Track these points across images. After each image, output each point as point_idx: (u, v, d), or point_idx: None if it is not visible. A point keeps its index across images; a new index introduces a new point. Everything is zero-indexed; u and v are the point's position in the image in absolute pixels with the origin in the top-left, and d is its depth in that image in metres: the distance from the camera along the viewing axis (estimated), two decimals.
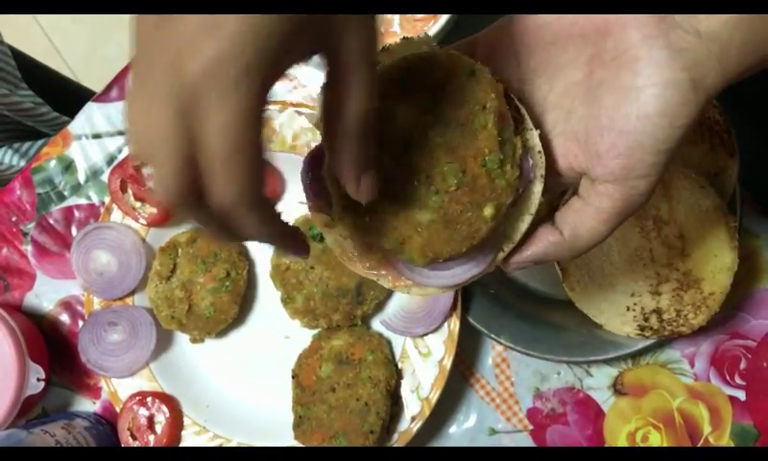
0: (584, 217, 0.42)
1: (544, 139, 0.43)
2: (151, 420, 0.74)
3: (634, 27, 0.38)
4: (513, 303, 0.72)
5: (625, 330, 0.65)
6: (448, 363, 0.69)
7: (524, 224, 0.44)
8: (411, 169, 0.41)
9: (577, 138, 0.42)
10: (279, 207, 0.75)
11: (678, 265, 0.62)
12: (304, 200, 0.46)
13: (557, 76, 0.43)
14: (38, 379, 0.73)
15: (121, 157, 0.79)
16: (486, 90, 0.40)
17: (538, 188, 0.43)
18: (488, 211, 0.41)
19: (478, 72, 0.41)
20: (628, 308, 0.65)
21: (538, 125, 0.43)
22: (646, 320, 0.64)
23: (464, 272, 0.45)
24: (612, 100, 0.39)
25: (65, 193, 0.80)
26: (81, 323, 0.79)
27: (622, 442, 0.72)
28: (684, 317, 0.64)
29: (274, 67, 0.32)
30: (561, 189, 0.45)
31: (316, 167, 0.44)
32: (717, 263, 0.61)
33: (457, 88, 0.40)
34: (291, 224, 0.43)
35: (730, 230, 0.61)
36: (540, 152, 0.42)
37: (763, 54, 0.38)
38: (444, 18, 0.66)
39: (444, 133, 0.41)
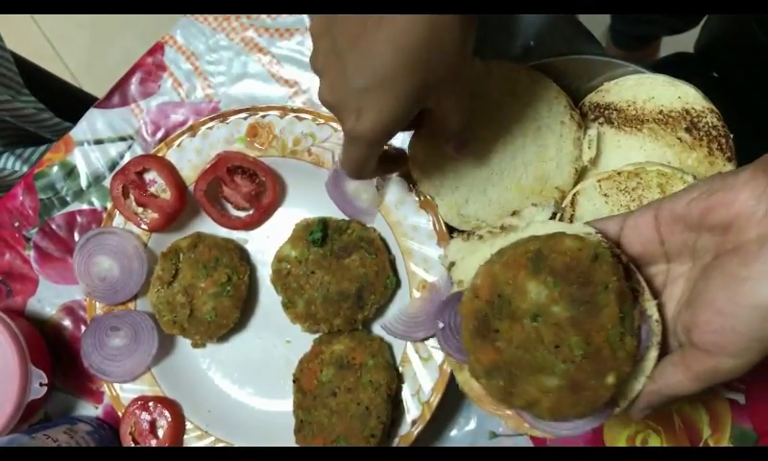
0: (677, 372, 0.48)
1: (662, 307, 0.50)
2: (153, 424, 0.74)
3: (751, 226, 0.43)
4: None
5: None
6: (449, 368, 0.70)
7: (639, 384, 0.50)
8: (540, 338, 0.48)
9: (690, 306, 0.47)
10: (279, 213, 0.76)
11: None
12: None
13: (697, 256, 0.48)
14: (41, 384, 0.73)
15: (123, 162, 0.79)
16: (608, 273, 0.47)
17: (653, 354, 0.49)
18: (610, 380, 0.47)
19: (601, 256, 0.47)
20: None
21: (657, 294, 0.50)
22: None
23: (584, 424, 0.52)
24: (720, 282, 0.44)
25: (68, 199, 0.81)
26: (83, 327, 0.79)
27: (622, 445, 0.72)
28: None
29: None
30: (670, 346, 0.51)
31: (447, 313, 0.54)
32: None
33: (582, 271, 0.47)
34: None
35: None
36: (657, 320, 0.49)
37: None
38: None
39: (570, 309, 0.47)
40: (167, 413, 0.74)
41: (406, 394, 0.71)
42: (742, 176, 0.44)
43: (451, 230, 0.70)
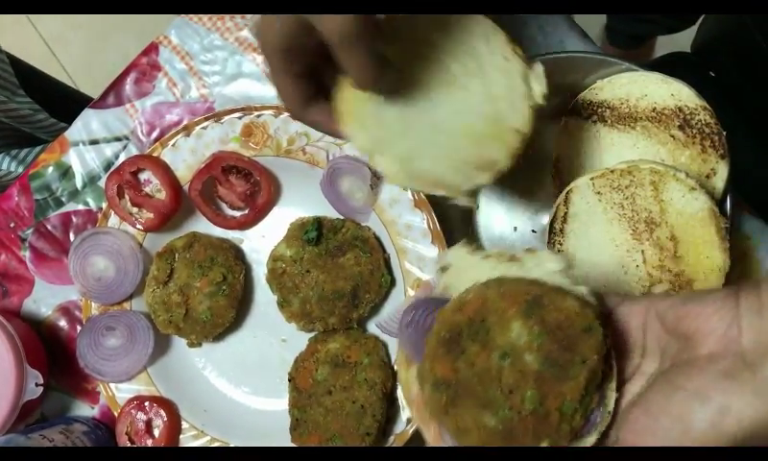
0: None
1: (619, 399, 0.48)
2: (149, 424, 0.74)
3: (709, 343, 0.43)
4: None
5: None
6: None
7: None
8: (499, 376, 0.47)
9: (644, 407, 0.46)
10: (274, 212, 0.76)
11: (670, 267, 0.63)
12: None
13: (657, 357, 0.48)
14: (37, 385, 0.73)
15: (118, 162, 0.80)
16: (592, 349, 0.46)
17: (591, 439, 0.48)
18: (544, 444, 0.47)
19: (593, 330, 0.46)
20: None
21: (620, 386, 0.49)
22: None
23: None
24: (659, 387, 0.44)
25: (63, 199, 0.81)
26: (79, 328, 0.79)
27: None
28: None
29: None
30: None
31: (422, 310, 0.53)
32: (709, 264, 0.62)
33: (570, 336, 0.46)
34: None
35: (721, 232, 0.61)
36: (609, 412, 0.48)
37: None
38: None
39: (541, 364, 0.46)
40: (163, 413, 0.74)
41: (401, 392, 0.71)
42: (717, 294, 0.44)
43: (444, 230, 0.70)
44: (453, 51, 0.56)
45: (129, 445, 0.75)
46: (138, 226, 0.75)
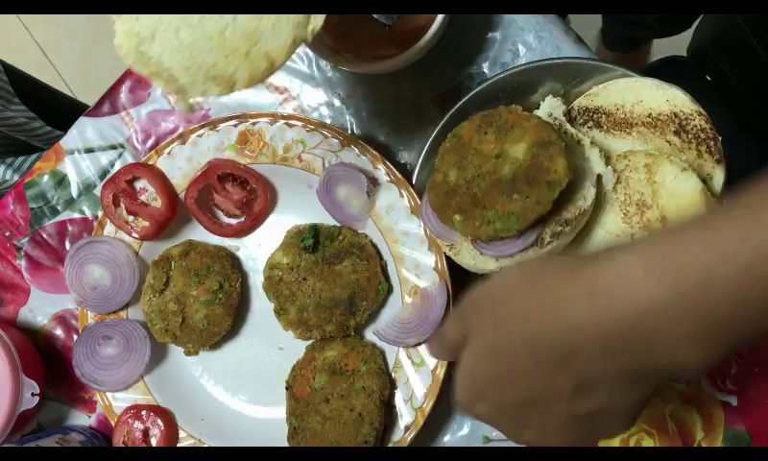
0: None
1: None
2: (146, 433, 0.74)
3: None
4: None
5: None
6: (442, 372, 0.70)
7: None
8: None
9: None
10: (270, 220, 0.76)
11: None
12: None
13: None
14: (33, 394, 0.73)
15: (113, 171, 0.79)
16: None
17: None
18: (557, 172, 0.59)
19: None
20: None
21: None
22: None
23: (522, 243, 0.61)
24: None
25: (58, 208, 0.81)
26: (75, 337, 0.79)
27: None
28: None
29: None
30: None
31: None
32: None
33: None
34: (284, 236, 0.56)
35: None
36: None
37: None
38: (432, 31, 0.66)
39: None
40: (160, 422, 0.74)
41: (399, 400, 0.71)
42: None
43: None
44: None
45: None
46: (134, 234, 0.75)
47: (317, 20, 0.49)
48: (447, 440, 0.75)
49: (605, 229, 0.64)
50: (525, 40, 0.74)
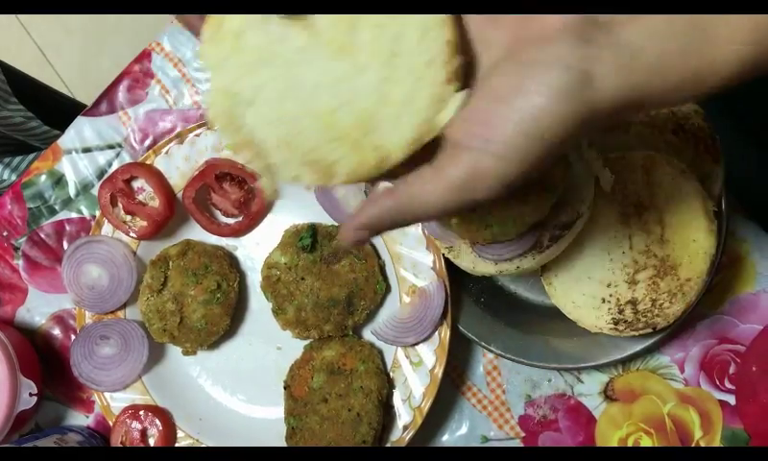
0: (426, 182, 0.40)
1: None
2: (144, 433, 0.74)
3: (558, 15, 0.37)
4: (503, 312, 0.72)
5: (598, 325, 0.65)
6: (440, 372, 0.70)
7: None
8: None
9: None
10: (268, 219, 0.76)
11: (656, 251, 0.63)
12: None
13: (485, 52, 0.41)
14: (31, 394, 0.73)
15: (111, 170, 0.79)
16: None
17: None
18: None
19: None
20: (603, 300, 0.65)
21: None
22: (621, 312, 0.64)
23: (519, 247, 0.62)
24: (507, 68, 0.38)
25: (56, 207, 0.81)
26: (73, 336, 0.79)
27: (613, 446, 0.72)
28: (659, 306, 0.63)
29: None
30: None
31: None
32: (695, 248, 0.62)
33: None
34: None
35: (709, 214, 0.61)
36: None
37: (677, 78, 0.36)
38: None
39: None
40: (158, 422, 0.74)
41: (397, 399, 0.71)
42: None
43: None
44: (376, 18, 0.42)
45: None
46: (132, 234, 0.75)
47: (442, 118, 0.41)
48: (446, 439, 0.75)
49: (603, 230, 0.64)
50: None
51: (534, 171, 0.38)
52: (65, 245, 0.80)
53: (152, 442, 0.74)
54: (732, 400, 0.71)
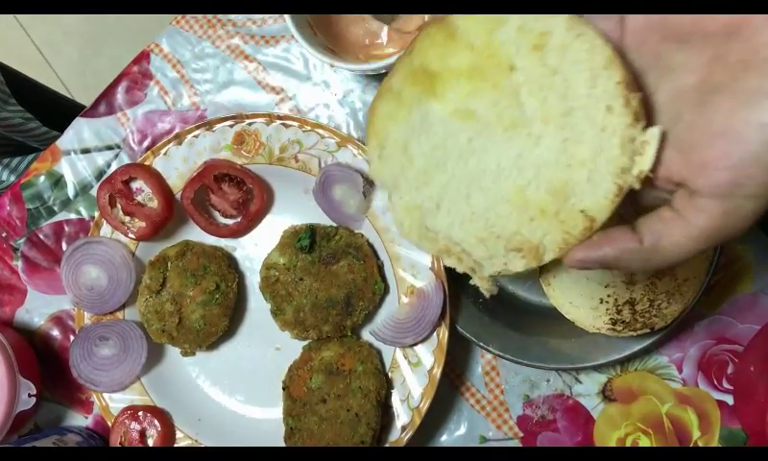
0: (672, 229, 0.38)
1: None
2: (143, 434, 0.74)
3: (767, 28, 0.34)
4: (501, 312, 0.72)
5: (596, 326, 0.65)
6: (438, 372, 0.70)
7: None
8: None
9: (681, 146, 0.37)
10: (267, 220, 0.76)
11: None
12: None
13: (665, 77, 0.39)
14: (30, 395, 0.73)
15: (110, 171, 0.79)
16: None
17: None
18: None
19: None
20: (601, 301, 0.65)
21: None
22: (619, 312, 0.64)
23: None
24: (731, 104, 0.34)
25: (55, 208, 0.81)
26: (72, 337, 0.79)
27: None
28: (656, 307, 0.63)
29: None
30: (650, 203, 0.41)
31: None
32: None
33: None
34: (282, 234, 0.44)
35: None
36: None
37: None
38: None
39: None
40: (157, 422, 0.74)
41: (396, 400, 0.71)
42: None
43: None
44: (540, 83, 0.41)
45: None
46: (131, 235, 0.75)
47: (644, 162, 0.39)
48: (444, 440, 0.75)
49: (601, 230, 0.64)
50: None
51: None
52: (64, 246, 0.80)
53: (151, 442, 0.74)
54: (730, 400, 0.71)
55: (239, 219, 0.76)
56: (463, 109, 0.42)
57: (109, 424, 0.75)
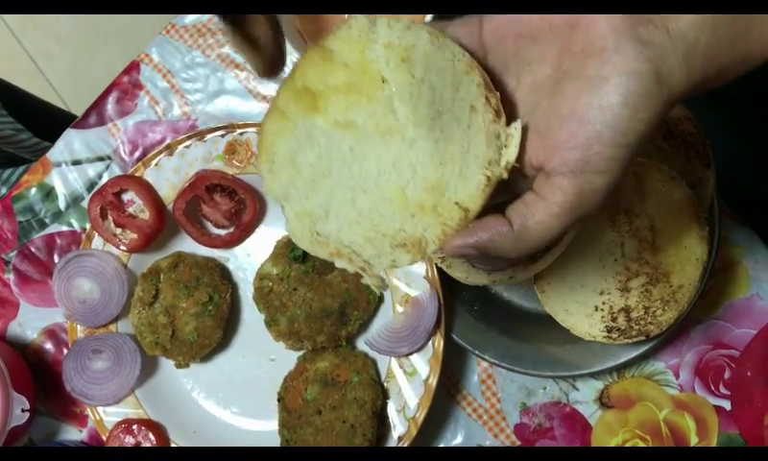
0: (534, 210, 0.41)
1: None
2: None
3: (603, 19, 0.38)
4: (496, 320, 0.71)
5: (592, 333, 0.65)
6: (434, 382, 0.69)
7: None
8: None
9: (538, 132, 0.42)
10: (259, 230, 0.75)
11: (648, 258, 0.62)
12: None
13: (525, 71, 0.43)
14: (23, 410, 0.72)
15: (101, 182, 0.79)
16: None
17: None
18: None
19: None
20: (596, 308, 0.65)
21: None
22: (614, 320, 0.64)
23: None
24: (576, 89, 0.39)
25: (46, 220, 0.80)
26: (65, 351, 0.78)
27: None
28: (651, 314, 0.63)
29: None
30: (526, 190, 0.43)
31: None
32: (687, 255, 0.61)
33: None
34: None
35: (700, 221, 0.61)
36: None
37: (728, 62, 0.38)
38: None
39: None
40: (152, 436, 0.73)
41: (392, 410, 0.70)
42: None
43: None
44: (409, 92, 0.45)
45: None
46: (122, 247, 0.74)
47: (509, 154, 0.43)
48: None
49: (594, 238, 0.64)
50: None
51: (627, 171, 0.40)
52: (56, 258, 0.80)
53: None
54: (727, 405, 0.71)
55: (232, 229, 0.75)
56: (343, 121, 0.45)
57: (104, 437, 0.74)
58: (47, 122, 0.99)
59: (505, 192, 0.44)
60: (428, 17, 0.66)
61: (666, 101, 0.38)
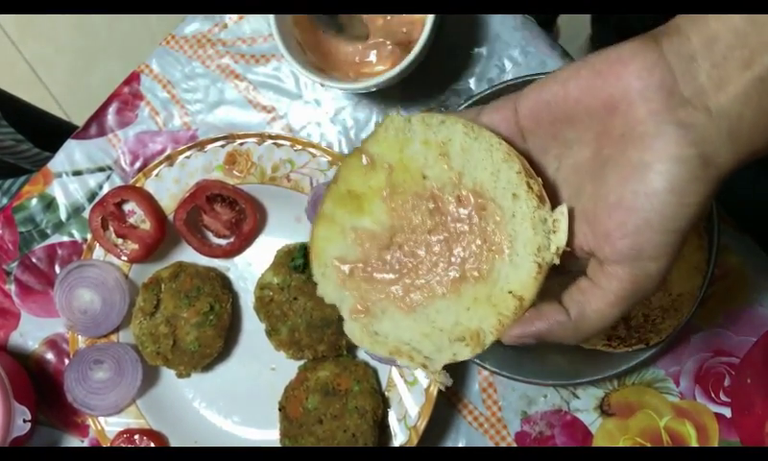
0: (591, 298, 0.41)
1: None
2: None
3: (641, 103, 0.37)
4: None
5: (591, 342, 0.65)
6: (435, 390, 0.69)
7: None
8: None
9: (586, 218, 0.41)
10: (260, 239, 0.76)
11: None
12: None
13: (565, 153, 0.43)
14: (25, 421, 0.72)
15: (102, 193, 0.79)
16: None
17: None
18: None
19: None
20: None
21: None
22: (613, 328, 0.64)
23: None
24: (620, 176, 0.38)
25: (48, 231, 0.80)
26: (66, 361, 0.78)
27: None
28: (651, 322, 0.63)
29: None
30: (575, 269, 0.44)
31: None
32: (685, 263, 0.62)
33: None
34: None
35: (699, 229, 0.61)
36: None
37: None
38: (418, 46, 0.66)
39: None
40: (153, 445, 0.73)
41: (393, 419, 0.70)
42: (628, 47, 0.37)
43: None
44: (446, 182, 0.45)
45: None
46: (123, 257, 0.74)
47: (559, 239, 0.42)
48: None
49: None
50: (511, 55, 0.74)
51: (679, 254, 0.39)
52: (57, 269, 0.80)
53: None
54: (727, 412, 0.71)
55: (232, 239, 0.75)
56: (388, 224, 0.46)
57: None
58: (47, 133, 0.99)
59: (556, 275, 0.44)
60: (430, 18, 0.65)
61: (715, 180, 0.37)
